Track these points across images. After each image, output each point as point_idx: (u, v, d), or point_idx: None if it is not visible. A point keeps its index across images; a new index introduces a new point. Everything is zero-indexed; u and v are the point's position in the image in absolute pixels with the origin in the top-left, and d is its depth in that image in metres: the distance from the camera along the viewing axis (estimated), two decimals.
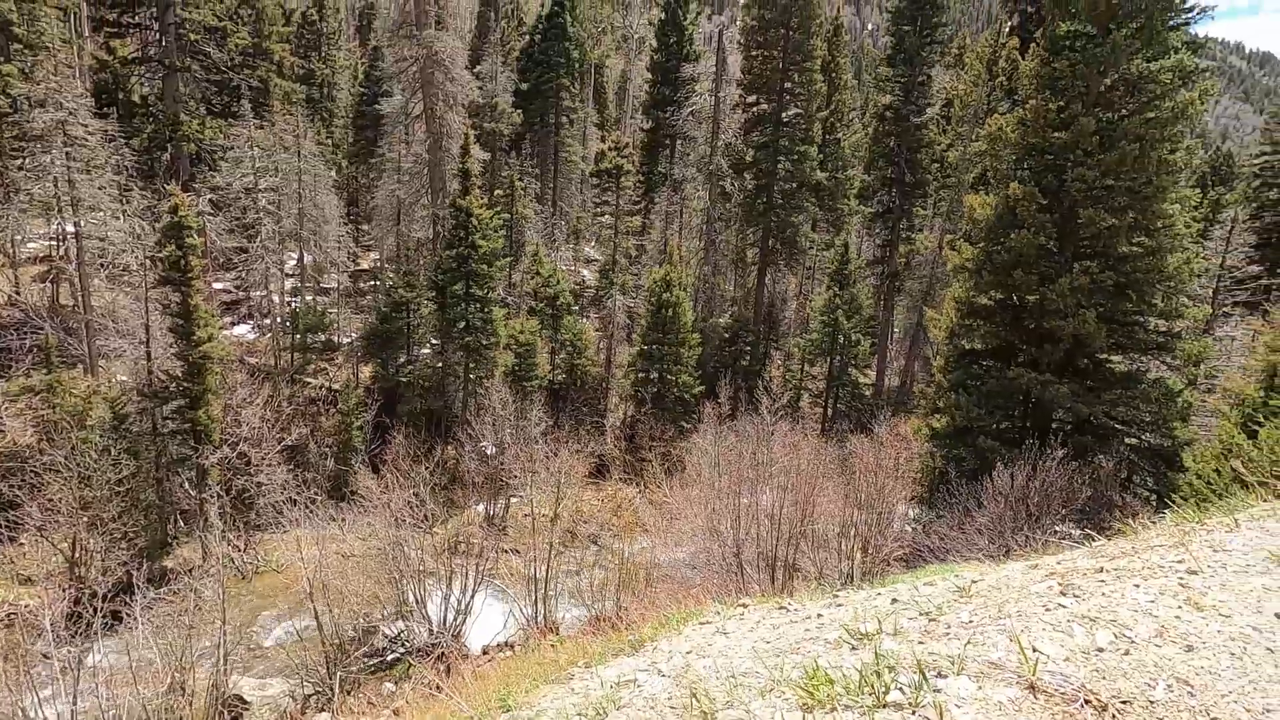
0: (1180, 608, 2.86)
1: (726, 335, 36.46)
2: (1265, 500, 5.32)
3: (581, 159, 52.65)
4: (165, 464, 21.89)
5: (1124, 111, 17.67)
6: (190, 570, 19.94)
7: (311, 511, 18.66)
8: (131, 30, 35.72)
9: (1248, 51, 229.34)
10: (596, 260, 44.00)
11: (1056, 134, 17.80)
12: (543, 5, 58.59)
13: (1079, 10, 17.60)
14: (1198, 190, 22.52)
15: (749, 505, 15.48)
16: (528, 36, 51.67)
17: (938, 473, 18.97)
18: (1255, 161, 40.03)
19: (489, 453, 24.88)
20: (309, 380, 30.24)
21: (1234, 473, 9.56)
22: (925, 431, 20.05)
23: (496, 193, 38.58)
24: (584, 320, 35.26)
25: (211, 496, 21.53)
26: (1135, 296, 17.77)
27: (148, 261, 22.05)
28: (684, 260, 36.15)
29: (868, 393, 36.14)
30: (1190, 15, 19.38)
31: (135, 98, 35.35)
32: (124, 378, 24.16)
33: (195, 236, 21.80)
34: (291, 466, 23.80)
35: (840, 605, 4.61)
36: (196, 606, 14.98)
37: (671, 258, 31.89)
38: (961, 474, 16.89)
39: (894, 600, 4.19)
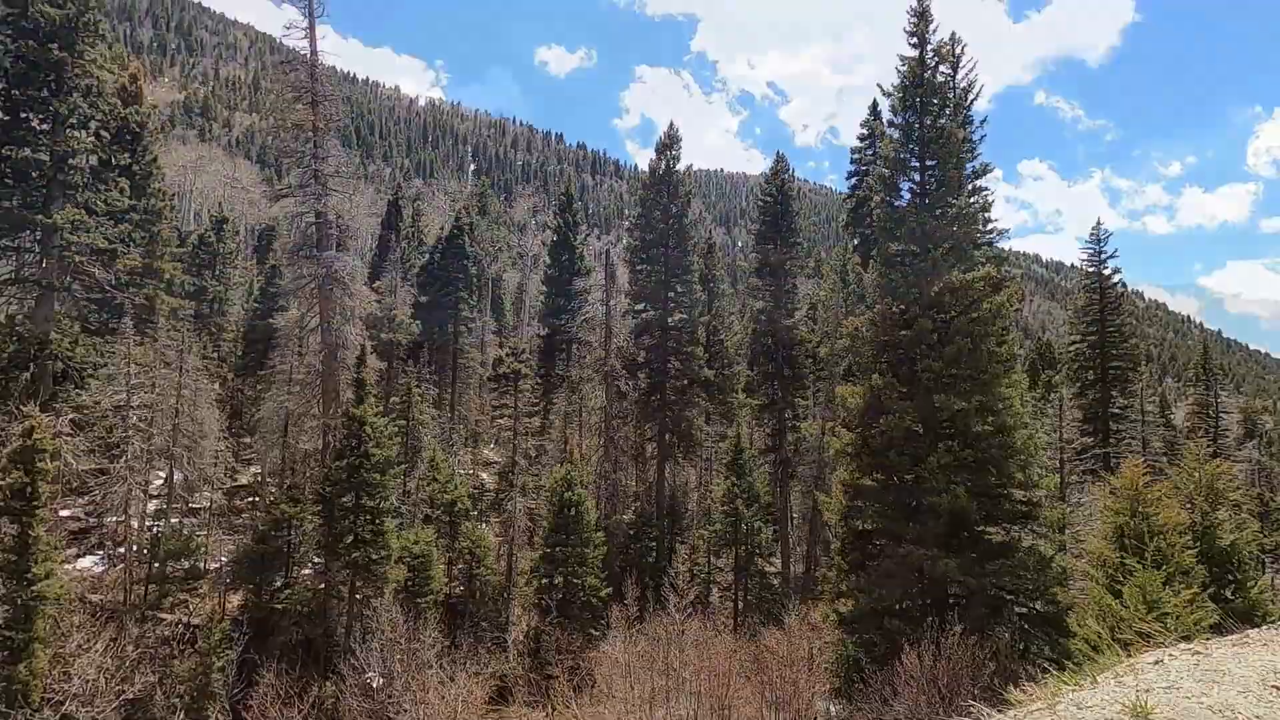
0: None
1: (631, 532, 35.95)
2: (1138, 654, 5.76)
3: (480, 364, 54.01)
4: None
5: (953, 312, 20.65)
6: None
7: None
8: (9, 253, 34.95)
9: (1045, 260, 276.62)
10: (496, 463, 43.44)
11: (903, 332, 20.38)
12: (442, 228, 63.14)
13: (901, 235, 21.15)
14: (1027, 375, 25.86)
15: (664, 717, 14.44)
16: (428, 255, 54.94)
17: (851, 660, 18.64)
18: (1070, 349, 46.78)
19: (374, 685, 22.14)
20: (164, 616, 26.56)
21: (1109, 634, 10.14)
22: (833, 618, 19.94)
23: (393, 400, 38.35)
24: (483, 525, 33.90)
25: None
26: (995, 470, 19.47)
27: None
28: (584, 458, 36.42)
29: (775, 581, 35.87)
30: (990, 236, 23.82)
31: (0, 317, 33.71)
32: None
33: (48, 461, 19.98)
34: None
35: None
36: None
37: (572, 456, 32.08)
38: (873, 659, 16.71)
39: None
